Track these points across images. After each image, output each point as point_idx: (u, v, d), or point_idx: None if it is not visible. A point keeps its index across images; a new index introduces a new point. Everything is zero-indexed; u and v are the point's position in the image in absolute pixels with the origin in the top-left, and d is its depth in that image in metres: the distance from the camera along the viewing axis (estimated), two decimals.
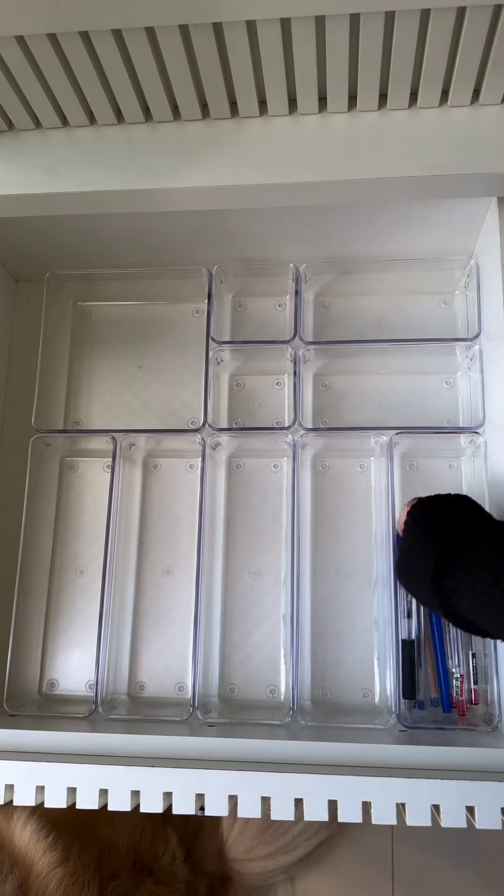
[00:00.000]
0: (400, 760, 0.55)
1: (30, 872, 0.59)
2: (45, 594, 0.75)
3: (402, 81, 0.60)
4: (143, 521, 0.76)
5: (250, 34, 0.55)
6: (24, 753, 0.57)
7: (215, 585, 0.72)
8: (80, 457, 0.78)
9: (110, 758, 0.56)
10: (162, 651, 0.72)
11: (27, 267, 0.81)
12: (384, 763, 0.55)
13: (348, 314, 0.78)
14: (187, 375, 0.78)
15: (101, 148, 0.65)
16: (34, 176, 0.65)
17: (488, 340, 0.69)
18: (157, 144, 0.64)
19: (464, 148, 0.61)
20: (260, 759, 0.56)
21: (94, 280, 0.81)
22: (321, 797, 0.52)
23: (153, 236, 0.74)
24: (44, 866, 0.59)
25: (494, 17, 0.53)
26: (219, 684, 0.70)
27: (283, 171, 0.62)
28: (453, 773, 0.53)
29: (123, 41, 0.56)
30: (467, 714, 0.65)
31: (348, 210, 0.68)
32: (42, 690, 0.73)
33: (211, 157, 0.63)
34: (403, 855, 0.78)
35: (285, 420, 0.76)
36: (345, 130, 0.63)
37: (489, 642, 0.65)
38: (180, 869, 0.68)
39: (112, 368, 0.80)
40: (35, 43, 0.56)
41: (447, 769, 0.54)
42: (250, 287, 0.80)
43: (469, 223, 0.70)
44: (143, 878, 0.64)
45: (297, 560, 0.69)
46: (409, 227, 0.71)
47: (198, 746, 0.57)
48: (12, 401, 0.80)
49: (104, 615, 0.70)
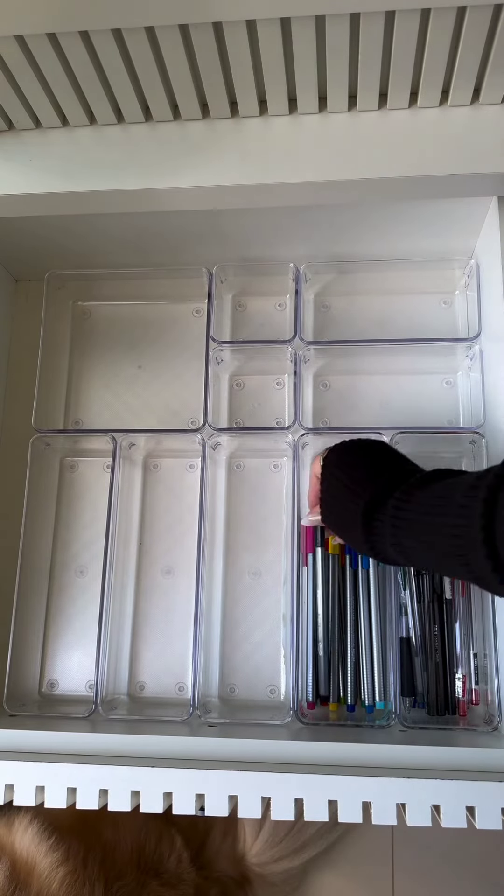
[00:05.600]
0: (400, 761, 0.54)
1: (31, 872, 0.59)
2: (45, 594, 0.75)
3: (402, 81, 0.60)
4: (143, 521, 0.75)
5: (250, 34, 0.55)
6: (24, 753, 0.57)
7: (215, 585, 0.72)
8: (80, 457, 0.78)
9: (110, 758, 0.56)
10: (162, 651, 0.72)
11: (27, 267, 0.81)
12: (384, 763, 0.54)
13: (348, 314, 0.78)
14: (187, 375, 0.78)
15: (101, 148, 0.65)
16: (34, 176, 0.65)
17: (489, 340, 0.69)
18: (157, 144, 0.64)
19: (464, 147, 0.61)
20: (260, 760, 0.56)
21: (93, 280, 0.81)
22: (321, 797, 0.52)
23: (153, 236, 0.74)
24: (46, 866, 0.59)
25: (495, 17, 0.53)
26: (219, 684, 0.70)
27: (283, 171, 0.62)
28: (453, 773, 0.53)
29: (123, 41, 0.56)
30: (468, 714, 0.65)
31: (348, 210, 0.68)
32: (42, 691, 0.73)
33: (211, 156, 0.63)
34: (404, 855, 0.78)
35: (285, 420, 0.76)
36: (345, 130, 0.62)
37: (489, 641, 0.65)
38: (187, 871, 0.67)
39: (112, 368, 0.80)
40: (35, 43, 0.56)
41: (447, 769, 0.54)
42: (250, 287, 0.80)
43: (469, 223, 0.69)
44: (149, 880, 0.64)
45: (297, 560, 0.69)
46: (409, 226, 0.70)
47: (198, 746, 0.57)
48: (12, 401, 0.80)
49: (104, 615, 0.70)
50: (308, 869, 0.78)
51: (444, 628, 0.66)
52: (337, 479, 0.56)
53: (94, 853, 0.62)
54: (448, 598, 0.66)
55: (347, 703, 0.66)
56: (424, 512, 0.46)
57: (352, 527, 0.52)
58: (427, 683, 0.65)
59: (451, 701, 0.65)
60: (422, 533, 0.46)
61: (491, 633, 0.65)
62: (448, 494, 0.44)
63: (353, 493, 0.53)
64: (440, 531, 0.43)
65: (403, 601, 0.67)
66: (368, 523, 0.50)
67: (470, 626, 0.66)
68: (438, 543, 0.44)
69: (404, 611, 0.67)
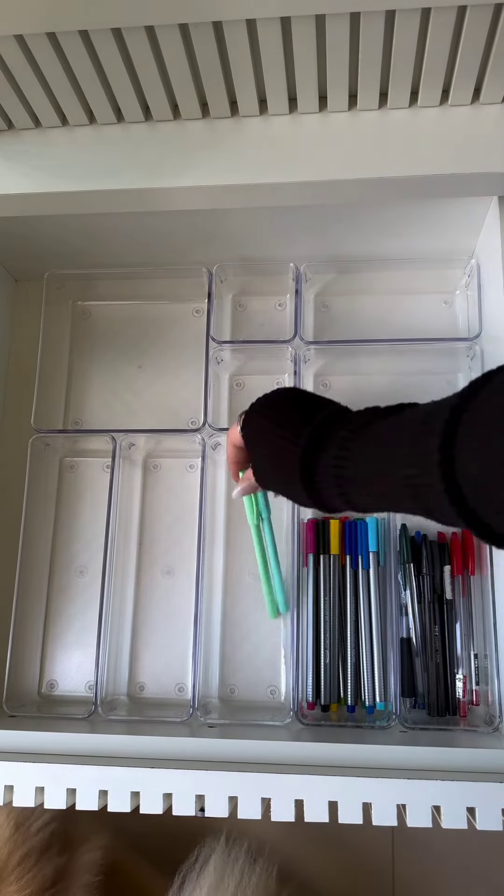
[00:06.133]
0: (400, 761, 0.54)
1: None
2: (45, 594, 0.74)
3: (402, 80, 0.60)
4: (143, 521, 0.75)
5: (250, 33, 0.55)
6: (23, 754, 0.57)
7: (215, 586, 0.72)
8: (80, 457, 0.78)
9: (110, 759, 0.56)
10: (162, 652, 0.72)
11: (27, 267, 0.81)
12: (385, 764, 0.54)
13: (349, 314, 0.78)
14: (187, 375, 0.78)
15: (101, 147, 0.65)
16: (34, 175, 0.64)
17: (489, 340, 0.69)
18: (157, 144, 0.64)
19: (464, 147, 0.61)
20: (260, 761, 0.56)
21: (93, 279, 0.81)
22: (321, 798, 0.52)
23: (153, 236, 0.73)
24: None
25: (495, 16, 0.53)
26: (219, 685, 0.70)
27: (283, 170, 0.62)
28: (454, 774, 0.53)
29: (123, 40, 0.56)
30: (468, 715, 0.65)
31: (348, 210, 0.68)
32: (42, 691, 0.72)
33: (211, 156, 0.63)
34: (404, 855, 0.78)
35: None
36: (345, 130, 0.62)
37: (490, 642, 0.65)
38: None
39: (112, 368, 0.80)
40: (35, 42, 0.56)
41: (448, 770, 0.53)
42: (250, 287, 0.80)
43: (470, 222, 0.69)
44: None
45: (297, 560, 0.69)
46: (409, 226, 0.70)
47: (198, 747, 0.57)
48: (12, 401, 0.79)
49: (104, 615, 0.70)
50: (308, 869, 0.78)
51: (444, 629, 0.66)
52: (262, 435, 0.51)
53: None
54: (449, 598, 0.66)
55: (348, 704, 0.66)
56: (372, 456, 0.41)
57: (291, 481, 0.47)
58: (427, 684, 0.65)
59: (451, 701, 0.65)
60: (373, 474, 0.41)
61: (491, 634, 0.65)
62: (396, 433, 0.40)
63: (284, 445, 0.48)
64: (392, 474, 0.38)
65: (404, 601, 0.67)
66: (309, 475, 0.45)
67: (470, 626, 0.66)
68: (392, 488, 0.39)
69: (405, 611, 0.67)
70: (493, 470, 0.31)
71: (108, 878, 0.68)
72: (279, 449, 0.49)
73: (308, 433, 0.46)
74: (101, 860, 0.68)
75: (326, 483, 0.44)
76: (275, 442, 0.49)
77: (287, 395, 0.54)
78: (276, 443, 0.49)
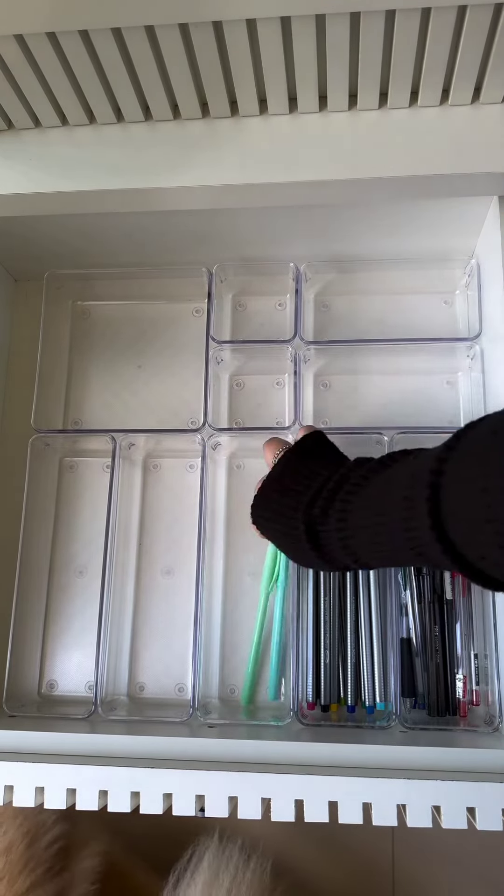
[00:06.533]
0: (400, 761, 0.54)
1: None
2: (45, 594, 0.74)
3: (402, 80, 0.60)
4: (143, 521, 0.75)
5: (250, 33, 0.55)
6: (23, 754, 0.57)
7: (215, 586, 0.72)
8: (80, 457, 0.78)
9: (110, 759, 0.56)
10: (162, 652, 0.72)
11: (26, 267, 0.81)
12: (385, 764, 0.54)
13: (349, 314, 0.78)
14: (187, 375, 0.78)
15: (101, 147, 0.65)
16: (34, 175, 0.64)
17: (489, 340, 0.69)
18: (157, 143, 0.64)
19: (464, 147, 0.61)
20: (260, 761, 0.56)
21: (93, 279, 0.81)
22: (321, 798, 0.52)
23: (153, 236, 0.73)
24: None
25: (495, 16, 0.53)
26: (219, 685, 0.70)
27: (283, 170, 0.62)
28: (454, 774, 0.53)
29: (123, 40, 0.56)
30: (468, 715, 0.65)
31: (348, 210, 0.68)
32: (41, 691, 0.72)
33: (211, 156, 0.63)
34: (404, 855, 0.78)
35: (285, 420, 0.76)
36: (345, 129, 0.62)
37: (490, 642, 0.65)
38: None
39: (111, 368, 0.80)
40: (34, 42, 0.56)
41: (448, 770, 0.53)
42: (250, 286, 0.80)
43: (470, 222, 0.69)
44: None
45: None
46: (409, 226, 0.70)
47: (198, 747, 0.57)
48: (11, 401, 0.79)
49: (104, 615, 0.69)
50: (304, 866, 0.78)
51: (444, 629, 0.66)
52: (269, 525, 0.54)
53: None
54: (449, 598, 0.66)
55: (348, 704, 0.66)
56: (369, 521, 0.42)
57: (308, 558, 0.49)
58: (427, 684, 0.65)
59: (451, 702, 0.65)
60: (373, 538, 0.43)
61: (492, 634, 0.65)
62: (386, 493, 0.41)
63: (290, 532, 0.49)
64: (392, 533, 0.40)
65: (404, 601, 0.67)
66: (320, 552, 0.47)
67: (470, 626, 0.66)
68: (394, 546, 0.41)
69: (405, 611, 0.67)
70: (474, 516, 0.33)
71: (105, 884, 0.68)
72: (288, 538, 0.51)
73: (303, 519, 0.47)
74: (98, 867, 0.68)
75: (341, 555, 0.46)
76: (280, 531, 0.52)
77: (279, 477, 0.56)
78: (282, 532, 0.51)
